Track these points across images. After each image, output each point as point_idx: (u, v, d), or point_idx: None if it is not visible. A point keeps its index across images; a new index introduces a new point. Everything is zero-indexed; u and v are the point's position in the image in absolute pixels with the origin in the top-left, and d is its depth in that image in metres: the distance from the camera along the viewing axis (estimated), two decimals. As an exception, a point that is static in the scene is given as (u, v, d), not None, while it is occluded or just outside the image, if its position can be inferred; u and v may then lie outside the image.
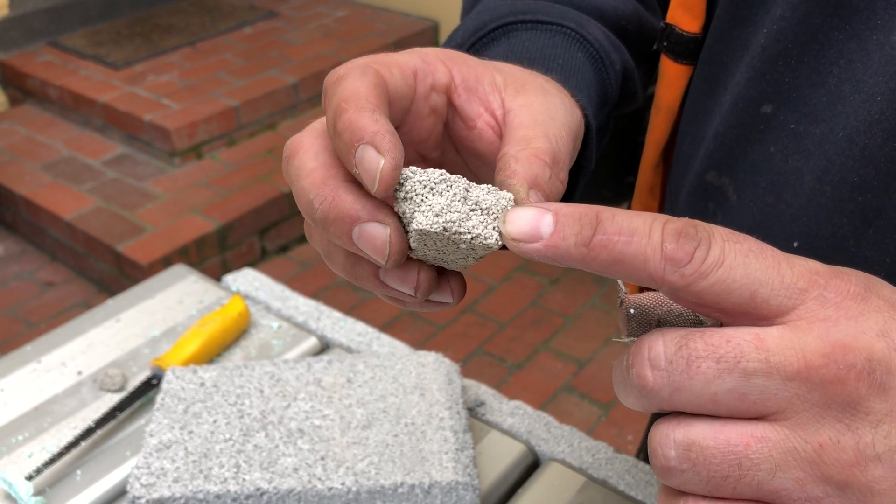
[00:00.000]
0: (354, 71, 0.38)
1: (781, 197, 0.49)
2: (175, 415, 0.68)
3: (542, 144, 0.39)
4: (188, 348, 0.80)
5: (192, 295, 0.92)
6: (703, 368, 0.29)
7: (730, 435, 0.30)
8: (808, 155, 0.47)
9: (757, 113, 0.50)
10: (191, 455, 0.65)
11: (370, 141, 0.34)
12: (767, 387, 0.29)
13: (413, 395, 0.70)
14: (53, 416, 0.77)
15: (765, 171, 0.50)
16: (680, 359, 0.30)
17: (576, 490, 0.67)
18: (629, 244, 0.31)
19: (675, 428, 0.31)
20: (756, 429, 0.29)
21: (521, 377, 2.13)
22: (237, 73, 3.23)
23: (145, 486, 0.62)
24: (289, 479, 0.62)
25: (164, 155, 2.91)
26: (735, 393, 0.29)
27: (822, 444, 0.29)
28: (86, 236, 2.57)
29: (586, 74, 0.52)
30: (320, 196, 0.36)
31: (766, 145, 0.49)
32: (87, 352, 0.84)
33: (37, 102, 3.30)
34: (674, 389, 0.30)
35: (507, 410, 0.77)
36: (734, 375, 0.29)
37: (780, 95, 0.48)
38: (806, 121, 0.47)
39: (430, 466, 0.63)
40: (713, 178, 0.53)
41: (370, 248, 0.35)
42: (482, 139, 0.43)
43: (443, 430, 0.67)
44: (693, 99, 0.57)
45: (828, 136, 0.46)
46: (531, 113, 0.41)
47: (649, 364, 0.30)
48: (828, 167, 0.46)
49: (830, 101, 0.46)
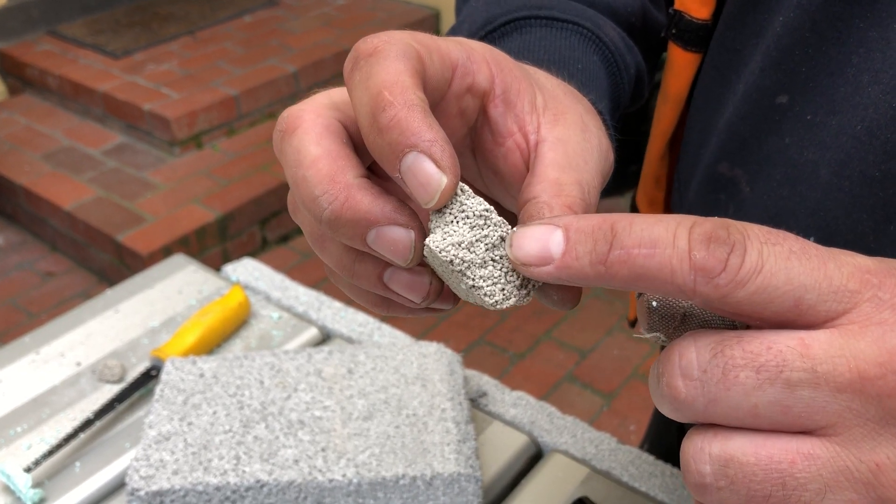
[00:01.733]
0: (393, 48, 0.33)
1: (796, 190, 0.47)
2: (174, 406, 0.68)
3: (576, 193, 0.36)
4: (187, 339, 0.79)
5: (191, 285, 0.92)
6: (741, 378, 0.27)
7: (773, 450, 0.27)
8: (825, 147, 0.45)
9: (772, 103, 0.48)
10: (190, 447, 0.64)
11: (427, 151, 0.31)
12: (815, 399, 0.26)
13: (415, 386, 0.70)
14: (52, 407, 0.76)
15: (779, 163, 0.48)
16: (715, 367, 0.27)
17: (579, 482, 0.67)
18: (651, 257, 0.28)
19: (712, 441, 0.28)
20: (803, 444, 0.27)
21: (524, 367, 2.12)
22: (237, 62, 3.22)
23: (144, 478, 0.62)
24: (289, 470, 0.62)
25: (164, 144, 2.90)
26: (778, 405, 0.26)
27: (878, 464, 0.26)
28: (86, 226, 2.56)
29: (602, 81, 0.49)
30: (330, 195, 0.32)
31: (782, 136, 0.48)
32: (85, 342, 0.84)
33: (36, 92, 3.29)
34: (709, 401, 0.27)
35: (510, 401, 0.76)
36: (776, 386, 0.26)
37: (796, 85, 0.47)
38: (823, 112, 0.45)
39: (431, 458, 0.63)
40: (725, 170, 0.52)
41: (389, 250, 0.33)
42: (507, 160, 0.39)
43: (445, 421, 0.66)
44: (703, 87, 0.56)
45: (845, 127, 0.44)
46: (566, 153, 0.37)
47: (681, 373, 0.28)
48: (845, 161, 0.44)
49: (849, 91, 0.44)
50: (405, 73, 0.32)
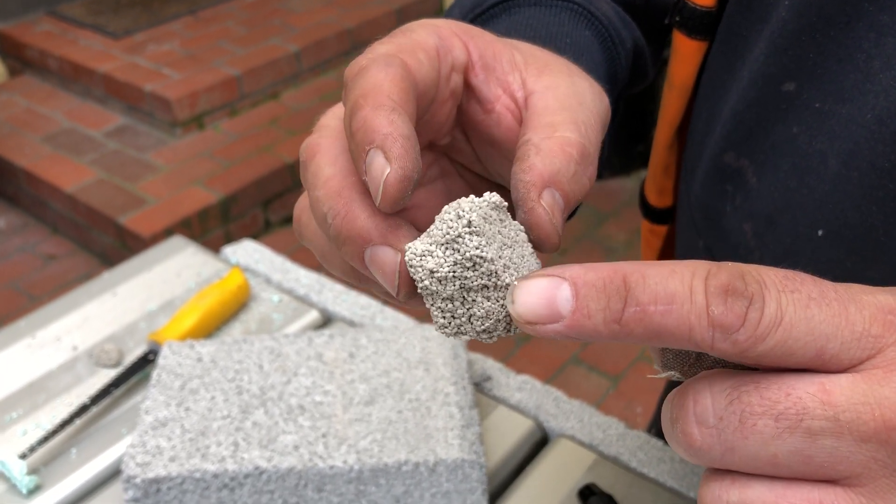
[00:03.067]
0: (378, 61, 0.33)
1: (804, 181, 0.45)
2: (171, 391, 0.66)
3: (571, 134, 0.34)
4: (185, 322, 0.78)
5: (190, 267, 0.90)
6: (759, 427, 0.25)
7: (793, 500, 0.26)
8: (834, 137, 0.43)
9: (778, 91, 0.46)
10: (187, 433, 0.63)
11: (380, 145, 0.30)
12: (837, 448, 0.25)
13: (417, 370, 0.68)
14: (48, 392, 0.75)
15: (787, 153, 0.46)
16: (732, 415, 0.26)
17: (586, 467, 0.65)
18: (668, 314, 0.26)
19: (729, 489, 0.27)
20: (826, 494, 0.26)
21: (529, 350, 2.11)
22: (239, 42, 3.19)
23: (140, 466, 0.60)
24: (289, 457, 0.60)
25: (166, 125, 2.88)
26: (799, 455, 0.25)
27: None
28: (87, 209, 2.54)
29: (595, 54, 0.48)
30: (334, 209, 0.32)
31: (789, 125, 0.46)
32: (82, 326, 0.82)
33: (36, 73, 3.27)
34: (726, 450, 0.26)
35: (515, 385, 0.75)
36: (796, 435, 0.25)
37: (803, 72, 0.45)
38: (831, 100, 0.43)
39: (435, 444, 0.61)
40: (731, 160, 0.50)
41: (380, 274, 0.31)
42: (500, 125, 0.37)
43: (448, 405, 0.64)
44: (709, 75, 0.54)
45: (855, 116, 0.42)
46: (557, 96, 0.36)
47: (696, 420, 0.26)
48: (855, 150, 0.42)
49: (858, 78, 0.42)
50: (385, 81, 0.32)
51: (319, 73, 3.24)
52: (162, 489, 0.60)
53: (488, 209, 0.31)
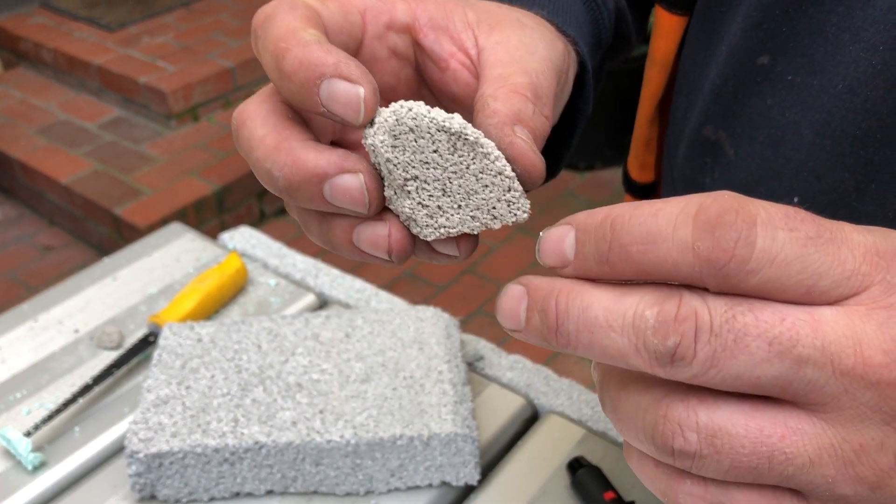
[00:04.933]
0: (282, 6, 0.34)
1: (780, 151, 0.47)
2: (172, 370, 0.68)
3: (521, 80, 0.36)
4: (185, 305, 0.79)
5: (189, 253, 0.92)
6: (751, 349, 0.25)
7: (762, 423, 0.26)
8: (807, 107, 0.45)
9: (753, 64, 0.48)
10: (188, 410, 0.64)
11: (334, 73, 0.31)
12: (817, 378, 0.26)
13: (411, 349, 0.70)
14: (51, 373, 0.76)
15: (762, 125, 0.48)
16: (727, 332, 0.26)
17: (575, 442, 0.67)
18: (648, 252, 0.27)
19: (698, 408, 0.27)
20: (791, 418, 0.26)
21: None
22: (233, 34, 3.20)
23: (143, 441, 0.62)
24: (287, 432, 0.62)
25: (161, 117, 2.89)
26: (780, 380, 0.26)
27: (862, 445, 0.26)
28: (83, 200, 2.55)
29: (578, 13, 0.49)
30: (278, 163, 0.33)
31: (764, 98, 0.47)
32: (84, 310, 0.84)
33: (30, 65, 3.27)
34: (711, 365, 0.26)
35: (507, 364, 0.77)
36: (786, 362, 0.25)
37: (777, 46, 0.46)
38: (804, 72, 0.45)
39: (428, 419, 0.63)
40: (710, 133, 0.52)
41: (347, 201, 0.33)
42: (457, 81, 0.39)
43: (441, 383, 0.66)
44: (688, 51, 0.56)
45: (826, 87, 0.44)
46: (507, 49, 0.38)
47: (689, 330, 0.26)
48: (827, 120, 0.44)
49: (829, 51, 0.43)
50: (296, 22, 0.33)
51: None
52: (164, 464, 0.62)
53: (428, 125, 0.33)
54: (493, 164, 0.33)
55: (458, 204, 0.33)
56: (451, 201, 0.33)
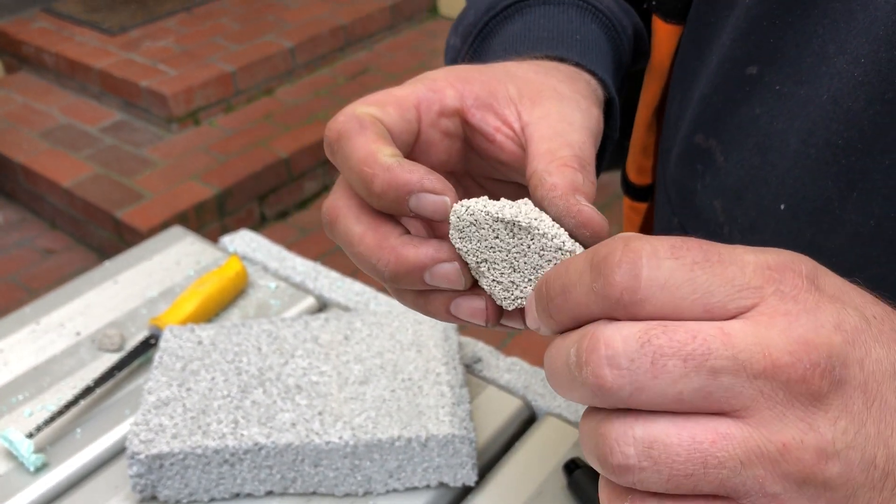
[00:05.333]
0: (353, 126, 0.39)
1: (767, 159, 0.48)
2: (173, 372, 0.69)
3: (567, 152, 0.39)
4: (186, 308, 0.80)
5: (189, 256, 0.93)
6: (668, 367, 0.28)
7: (694, 431, 0.28)
8: (793, 117, 0.46)
9: (742, 74, 0.49)
10: (189, 411, 0.65)
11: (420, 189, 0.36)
12: (734, 385, 0.28)
13: (410, 352, 0.70)
14: (52, 375, 0.77)
15: (751, 133, 0.49)
16: (643, 357, 0.28)
17: (572, 443, 0.68)
18: (567, 301, 0.31)
19: (634, 424, 0.29)
20: (720, 425, 0.28)
21: (521, 339, 2.14)
22: (233, 38, 3.21)
23: (144, 443, 0.63)
24: (287, 433, 0.63)
25: (162, 121, 2.90)
26: (701, 392, 0.28)
27: (785, 444, 0.28)
28: (84, 203, 2.56)
29: (602, 45, 0.52)
30: (382, 260, 0.38)
31: (752, 107, 0.49)
32: (85, 313, 0.85)
33: (32, 69, 3.28)
34: (635, 389, 0.28)
35: (504, 367, 0.77)
36: (702, 374, 0.28)
37: (765, 56, 0.48)
38: (791, 82, 0.46)
39: (426, 420, 0.64)
40: (701, 140, 0.53)
41: (446, 283, 0.38)
42: (504, 151, 0.43)
43: (439, 384, 0.67)
44: (681, 59, 0.57)
45: (812, 97, 0.45)
46: (550, 124, 0.41)
47: (607, 363, 0.28)
48: (812, 129, 0.45)
49: (815, 62, 0.45)
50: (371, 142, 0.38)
51: (314, 69, 3.26)
52: (165, 465, 0.62)
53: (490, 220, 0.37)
54: (551, 242, 0.36)
55: (528, 278, 0.37)
56: (521, 276, 0.37)
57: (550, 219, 0.37)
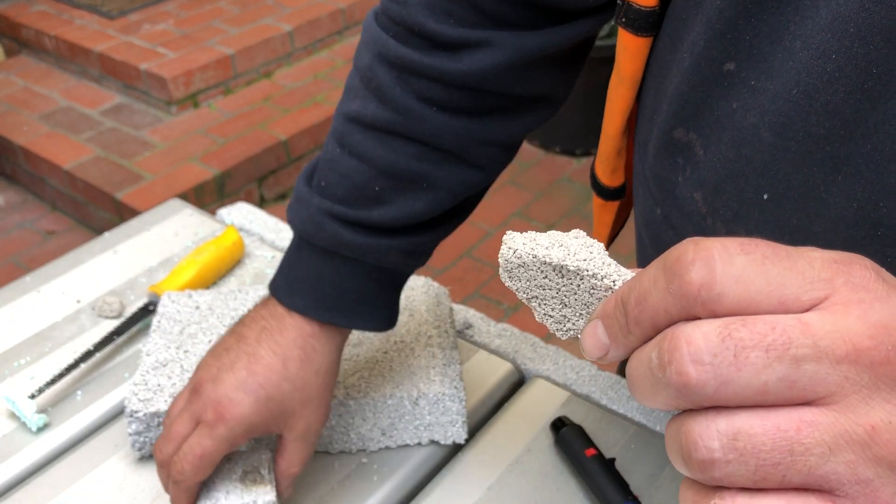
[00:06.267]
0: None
1: (741, 152, 0.50)
2: (171, 336, 0.70)
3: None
4: (184, 276, 0.82)
5: (187, 227, 0.94)
6: (751, 359, 0.28)
7: (778, 420, 0.28)
8: (764, 111, 0.48)
9: (720, 70, 0.51)
10: (186, 372, 0.67)
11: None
12: (817, 372, 0.28)
13: (402, 316, 0.72)
14: (53, 341, 0.79)
15: (727, 128, 0.51)
16: (726, 351, 0.28)
17: (559, 404, 0.70)
18: (645, 308, 0.31)
19: (716, 419, 0.29)
20: (804, 413, 0.28)
21: (517, 319, 2.15)
22: (232, 22, 3.21)
23: (143, 401, 0.64)
24: (281, 392, 0.64)
25: (161, 104, 2.91)
26: (785, 381, 0.28)
27: (874, 426, 0.28)
28: (85, 185, 2.58)
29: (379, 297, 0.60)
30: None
31: (730, 102, 0.50)
32: (84, 281, 0.86)
33: (32, 53, 3.29)
34: (720, 383, 0.28)
35: (495, 332, 0.79)
36: (784, 363, 0.28)
37: (741, 53, 0.49)
38: (763, 77, 0.48)
39: (417, 380, 0.65)
40: (681, 135, 0.54)
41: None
42: None
43: (430, 347, 0.69)
44: (656, 56, 0.58)
45: (781, 92, 0.47)
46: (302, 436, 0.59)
47: (691, 360, 0.28)
48: (786, 123, 0.47)
49: (785, 57, 0.46)
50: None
51: (312, 52, 3.27)
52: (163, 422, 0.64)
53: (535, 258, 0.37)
54: (601, 283, 0.36)
55: (579, 313, 0.37)
56: (573, 311, 0.37)
57: (602, 253, 0.37)
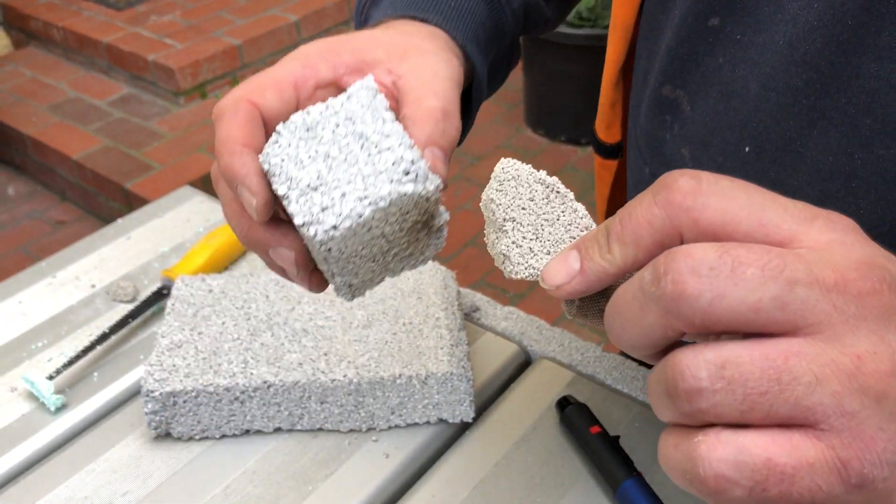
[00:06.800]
0: (227, 109, 0.44)
1: (731, 105, 0.51)
2: (185, 318, 0.72)
3: (433, 102, 0.44)
4: (196, 260, 0.83)
5: (199, 214, 0.96)
6: (748, 275, 0.28)
7: (767, 350, 0.28)
8: (753, 63, 0.49)
9: (705, 26, 0.52)
10: (201, 353, 0.68)
11: (241, 182, 0.42)
12: (809, 297, 0.28)
13: (411, 298, 0.74)
14: (69, 325, 0.81)
15: (714, 82, 0.52)
16: (724, 264, 0.29)
17: (565, 384, 0.71)
18: (630, 219, 0.32)
19: (704, 350, 0.29)
20: (792, 344, 0.29)
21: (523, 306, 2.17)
22: (239, 12, 3.23)
23: (158, 381, 0.66)
24: (294, 372, 0.66)
25: (169, 94, 2.93)
26: (778, 301, 0.28)
27: (860, 356, 0.28)
28: (94, 175, 2.60)
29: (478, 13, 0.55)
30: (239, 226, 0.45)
31: (716, 57, 0.51)
32: (99, 266, 0.88)
33: (41, 44, 3.31)
34: (715, 296, 0.29)
35: (502, 315, 0.80)
36: (779, 283, 0.28)
37: (725, 7, 0.50)
38: (750, 31, 0.49)
39: (426, 360, 0.67)
40: (668, 92, 0.56)
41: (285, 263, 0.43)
42: None
43: (438, 328, 0.70)
44: (647, 16, 0.60)
45: (769, 43, 0.48)
46: (417, 75, 0.46)
47: (688, 271, 0.29)
48: (771, 74, 0.48)
49: (771, 10, 0.48)
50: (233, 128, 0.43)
51: (320, 42, 3.28)
52: (178, 402, 0.66)
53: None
54: (580, 221, 0.38)
55: (547, 250, 0.38)
56: (541, 245, 0.38)
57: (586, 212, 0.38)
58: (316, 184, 0.40)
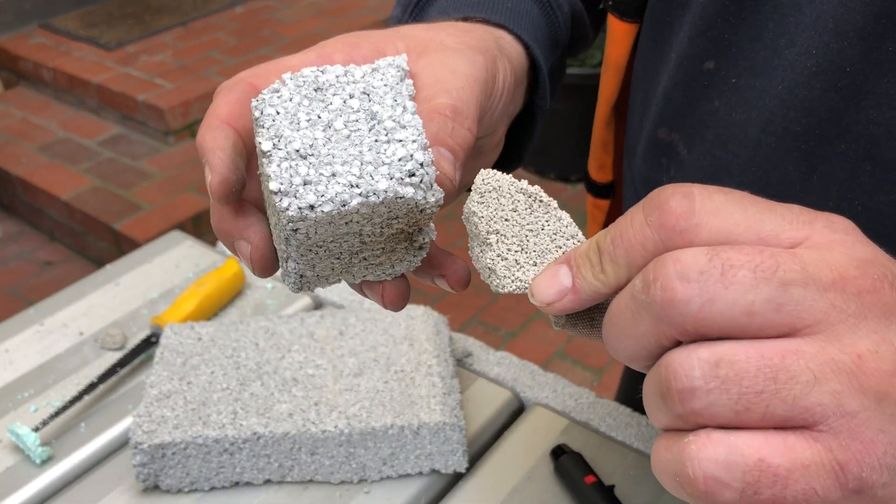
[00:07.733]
0: (226, 86, 0.42)
1: (728, 149, 0.51)
2: (174, 367, 0.71)
3: (443, 100, 0.41)
4: (185, 307, 0.83)
5: (188, 259, 0.95)
6: (738, 277, 0.27)
7: (762, 349, 0.27)
8: (751, 108, 0.49)
9: (700, 69, 0.52)
10: (190, 404, 0.68)
11: (204, 156, 0.39)
12: (805, 297, 0.27)
13: (402, 345, 0.73)
14: (57, 373, 0.80)
15: (711, 126, 0.52)
16: (713, 268, 0.28)
17: (559, 431, 0.70)
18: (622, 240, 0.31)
19: (698, 349, 0.28)
20: (789, 343, 0.28)
21: (515, 345, 2.16)
22: (230, 52, 3.24)
23: (147, 433, 0.65)
24: (284, 423, 0.65)
25: (159, 134, 2.93)
26: (772, 303, 0.27)
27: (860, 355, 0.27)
28: (83, 215, 2.59)
29: (535, 17, 0.53)
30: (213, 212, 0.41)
31: (711, 100, 0.51)
32: (87, 313, 0.87)
33: (30, 84, 3.31)
34: (706, 300, 0.28)
35: (494, 360, 0.80)
36: (772, 285, 0.27)
37: (721, 51, 0.50)
38: (746, 75, 0.49)
39: (418, 409, 0.66)
40: (664, 135, 0.56)
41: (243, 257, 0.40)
42: None
43: (431, 376, 0.70)
44: (641, 57, 0.60)
45: (767, 88, 0.48)
46: (432, 72, 0.43)
47: (678, 276, 0.28)
48: (770, 118, 0.48)
49: (768, 55, 0.48)
50: (222, 104, 0.40)
51: (310, 81, 3.30)
52: (167, 454, 0.65)
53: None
54: (566, 229, 0.37)
55: (533, 261, 0.37)
56: (527, 257, 0.37)
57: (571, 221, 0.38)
58: (307, 151, 0.35)
